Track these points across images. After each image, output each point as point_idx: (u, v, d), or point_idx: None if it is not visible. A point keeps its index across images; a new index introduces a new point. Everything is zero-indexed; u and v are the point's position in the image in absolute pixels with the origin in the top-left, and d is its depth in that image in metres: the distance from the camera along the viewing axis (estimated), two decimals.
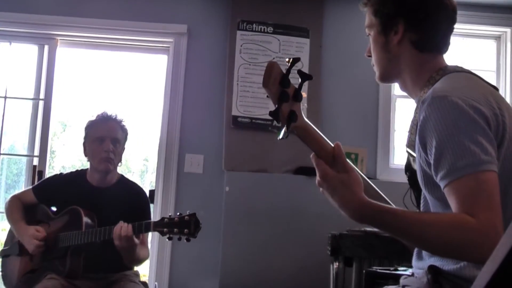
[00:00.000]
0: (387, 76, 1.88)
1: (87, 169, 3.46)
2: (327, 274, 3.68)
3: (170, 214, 3.00)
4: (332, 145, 1.62)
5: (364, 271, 3.19)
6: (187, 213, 2.90)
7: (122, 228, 2.96)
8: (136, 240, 3.03)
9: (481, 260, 1.40)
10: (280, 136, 1.57)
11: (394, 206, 1.80)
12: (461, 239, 1.39)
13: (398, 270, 3.09)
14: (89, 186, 3.38)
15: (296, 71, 1.65)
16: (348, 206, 1.52)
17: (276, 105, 1.56)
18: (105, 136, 3.34)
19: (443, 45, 1.80)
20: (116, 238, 2.97)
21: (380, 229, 1.53)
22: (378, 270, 3.14)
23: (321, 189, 1.60)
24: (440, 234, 1.42)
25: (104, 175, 3.38)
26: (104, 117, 3.42)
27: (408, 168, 1.80)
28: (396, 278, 2.27)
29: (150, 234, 3.47)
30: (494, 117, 1.51)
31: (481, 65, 4.87)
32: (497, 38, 4.96)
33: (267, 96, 1.59)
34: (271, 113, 1.55)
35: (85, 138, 3.43)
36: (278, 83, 1.56)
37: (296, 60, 1.59)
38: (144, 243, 3.29)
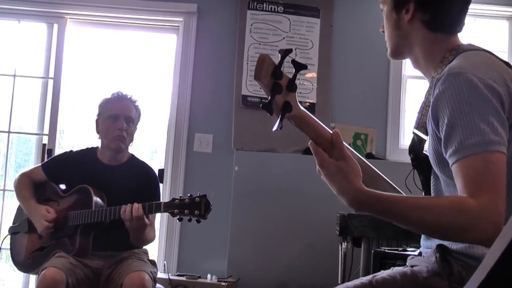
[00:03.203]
0: (398, 53, 1.87)
1: (98, 147, 3.46)
2: (336, 254, 3.68)
3: (180, 195, 3.00)
4: (331, 132, 1.61)
5: (372, 252, 3.19)
6: (198, 194, 2.90)
7: (133, 208, 2.97)
8: (147, 220, 3.04)
9: (482, 242, 1.39)
10: (274, 128, 1.56)
11: (396, 187, 1.80)
12: (459, 221, 1.38)
13: (406, 250, 3.09)
14: (100, 164, 3.39)
15: (290, 62, 1.64)
16: (346, 194, 1.53)
17: (269, 97, 1.55)
18: (119, 114, 3.35)
19: (456, 25, 1.76)
20: (127, 219, 2.98)
21: (379, 216, 1.53)
22: (387, 251, 3.14)
23: (321, 176, 1.61)
24: (438, 217, 1.41)
25: (115, 154, 3.38)
26: (119, 96, 3.44)
27: (413, 149, 1.79)
28: (404, 259, 2.26)
29: (158, 214, 3.47)
30: (508, 96, 1.50)
31: (493, 46, 4.80)
32: (510, 18, 4.90)
33: (260, 88, 1.59)
34: (263, 106, 1.55)
35: (98, 115, 3.43)
36: (270, 75, 1.56)
37: (288, 52, 1.58)
38: (151, 224, 3.29)
